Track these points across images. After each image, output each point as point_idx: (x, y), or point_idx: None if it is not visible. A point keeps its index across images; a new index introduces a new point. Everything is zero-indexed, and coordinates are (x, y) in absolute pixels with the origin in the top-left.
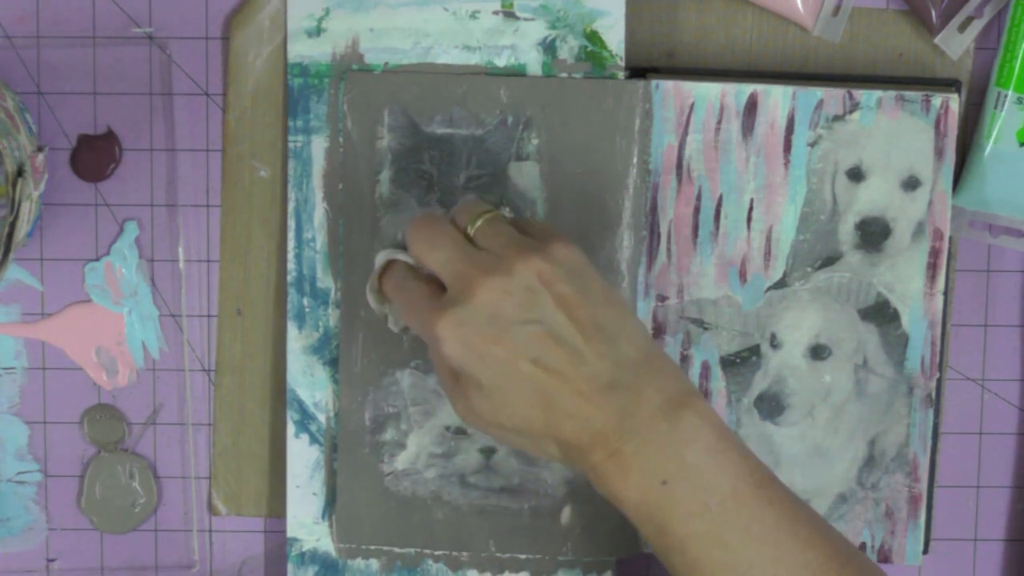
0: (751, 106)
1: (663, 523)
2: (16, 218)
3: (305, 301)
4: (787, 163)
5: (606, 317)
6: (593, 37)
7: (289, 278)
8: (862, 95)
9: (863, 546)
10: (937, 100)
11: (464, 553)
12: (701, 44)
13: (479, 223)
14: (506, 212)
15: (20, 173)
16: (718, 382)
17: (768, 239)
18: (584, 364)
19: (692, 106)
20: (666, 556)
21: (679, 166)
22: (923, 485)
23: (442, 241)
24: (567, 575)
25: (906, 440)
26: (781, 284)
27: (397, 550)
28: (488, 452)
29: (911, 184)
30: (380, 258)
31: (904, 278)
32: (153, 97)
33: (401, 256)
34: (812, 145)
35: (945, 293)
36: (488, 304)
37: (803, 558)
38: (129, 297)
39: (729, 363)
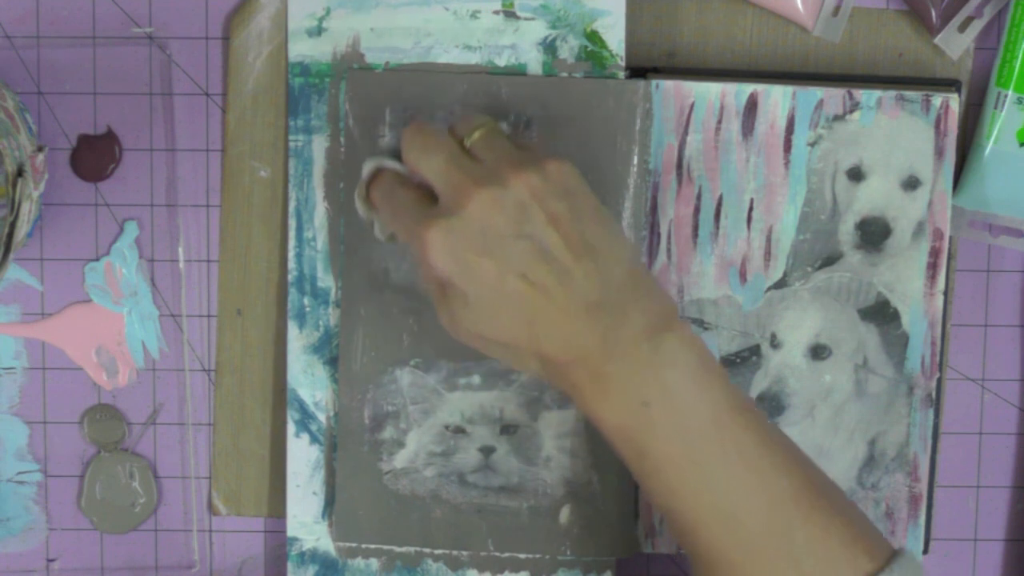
0: (751, 106)
1: (642, 445)
2: (16, 218)
3: (306, 300)
4: (787, 163)
5: (596, 236)
6: (593, 37)
7: (290, 277)
8: (862, 95)
9: None
10: (937, 100)
11: (464, 552)
12: (701, 44)
13: (476, 135)
14: (504, 127)
15: (20, 173)
16: None
17: (768, 239)
18: (572, 282)
19: (692, 106)
20: (643, 479)
21: (679, 166)
22: (923, 485)
23: (437, 149)
24: (567, 575)
25: (906, 440)
26: (781, 284)
27: (397, 549)
28: (487, 451)
29: (911, 184)
30: (369, 166)
31: (904, 278)
32: (153, 97)
33: (390, 164)
34: (812, 145)
35: (945, 293)
36: (479, 216)
37: (779, 484)
38: (129, 297)
39: (729, 363)
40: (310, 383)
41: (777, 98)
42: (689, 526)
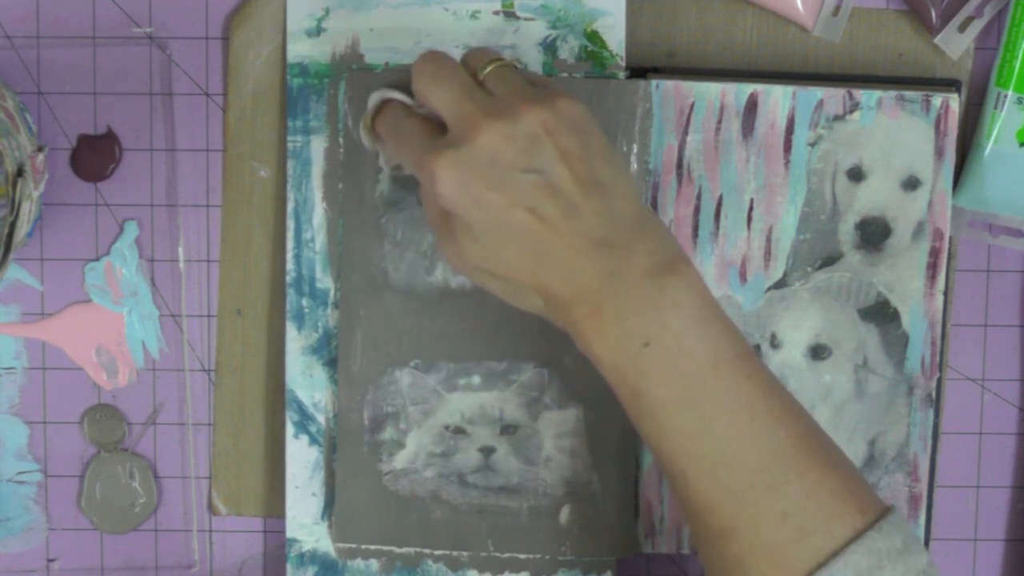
0: (751, 106)
1: (638, 385)
2: (16, 218)
3: (304, 302)
4: (787, 163)
5: (605, 174)
6: (593, 37)
7: (288, 278)
8: (862, 95)
9: None
10: (937, 100)
11: (464, 553)
12: (701, 44)
13: (489, 69)
14: (519, 65)
15: (20, 173)
16: None
17: (768, 239)
18: (579, 218)
19: (692, 106)
20: (638, 420)
21: (679, 166)
22: (923, 485)
23: (449, 79)
24: (567, 575)
25: (906, 440)
26: (781, 284)
27: (396, 550)
28: (487, 451)
29: (911, 184)
30: (375, 97)
31: (904, 278)
32: (153, 97)
33: (397, 95)
34: (812, 145)
35: (945, 293)
36: (489, 148)
37: (776, 435)
38: (129, 297)
39: None
40: (309, 384)
41: (777, 98)
42: (679, 470)
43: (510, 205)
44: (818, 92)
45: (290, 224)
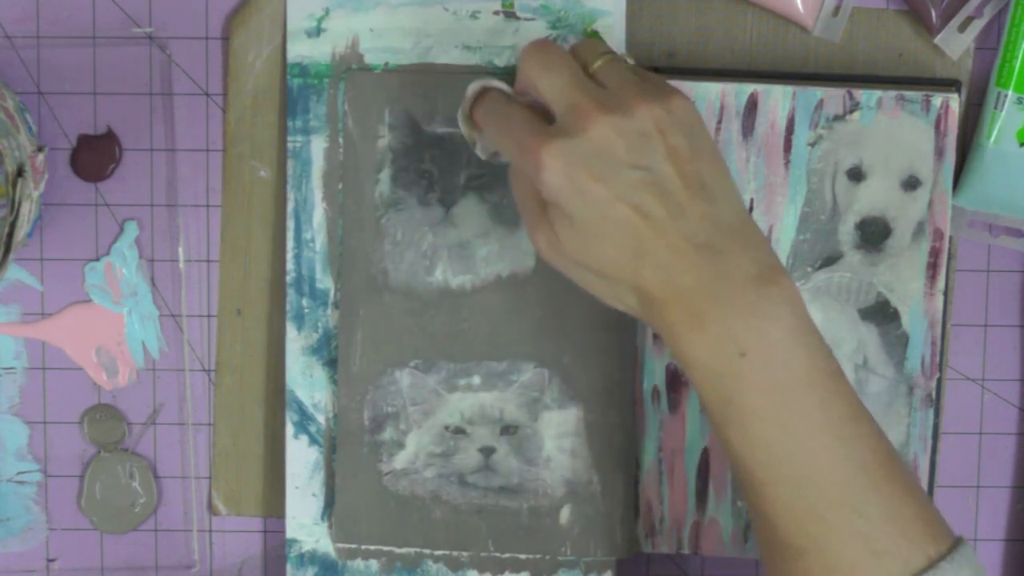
0: (751, 106)
1: (730, 394)
2: (16, 218)
3: (304, 302)
4: (787, 163)
5: (712, 177)
6: (593, 37)
7: (288, 279)
8: (862, 95)
9: None
10: (937, 100)
11: (464, 553)
12: (701, 44)
13: (601, 61)
14: (629, 60)
15: (20, 173)
16: None
17: (768, 239)
18: (683, 219)
19: None
20: (723, 428)
21: None
22: (923, 485)
23: (561, 67)
24: (567, 575)
25: (906, 440)
26: None
27: (397, 550)
28: (487, 452)
29: (911, 184)
30: (474, 85)
31: (904, 278)
32: (153, 97)
33: (497, 84)
34: (812, 145)
35: (945, 293)
36: (600, 140)
37: (861, 456)
38: (129, 297)
39: None
40: (309, 384)
41: (777, 98)
42: (760, 483)
43: (615, 199)
44: (818, 92)
45: (290, 224)
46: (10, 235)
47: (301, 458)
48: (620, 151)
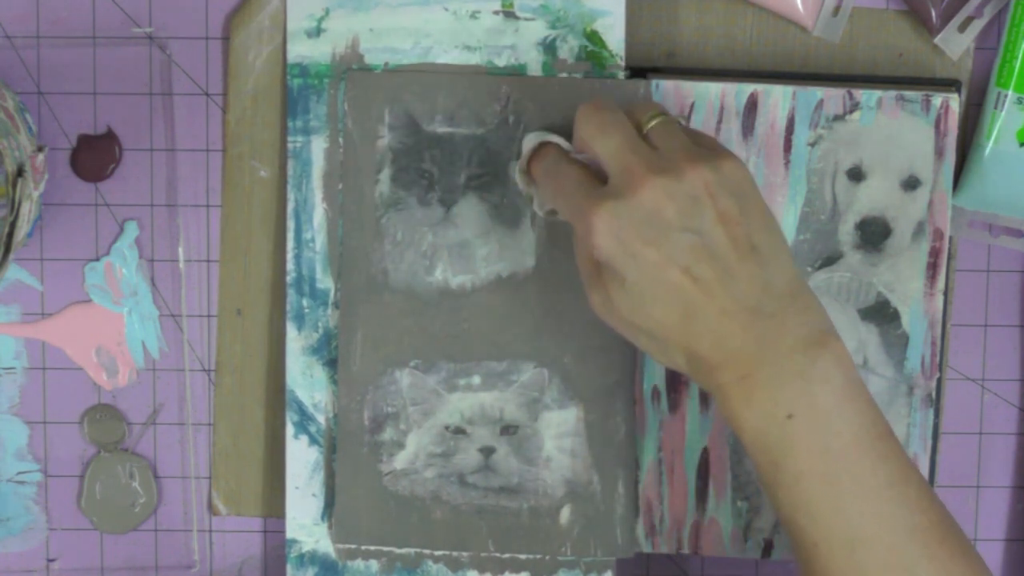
0: (751, 106)
1: (779, 457)
2: (16, 218)
3: (304, 302)
4: (787, 163)
5: (763, 240)
6: (593, 37)
7: (288, 279)
8: (862, 95)
9: None
10: (937, 100)
11: (464, 554)
12: (701, 44)
13: (654, 123)
14: (682, 120)
15: (20, 173)
16: None
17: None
18: (734, 283)
19: (692, 106)
20: (773, 489)
21: None
22: None
23: (615, 129)
24: (567, 575)
25: (906, 440)
26: None
27: (397, 551)
28: (487, 452)
29: (911, 184)
30: (531, 139)
31: (904, 278)
32: (153, 97)
33: (554, 139)
34: (812, 145)
35: (945, 293)
36: (650, 204)
37: (911, 518)
38: (129, 297)
39: None
40: (309, 384)
41: (777, 98)
42: (810, 544)
43: (665, 263)
44: (818, 92)
45: (290, 224)
46: (10, 235)
47: (301, 458)
48: (670, 214)
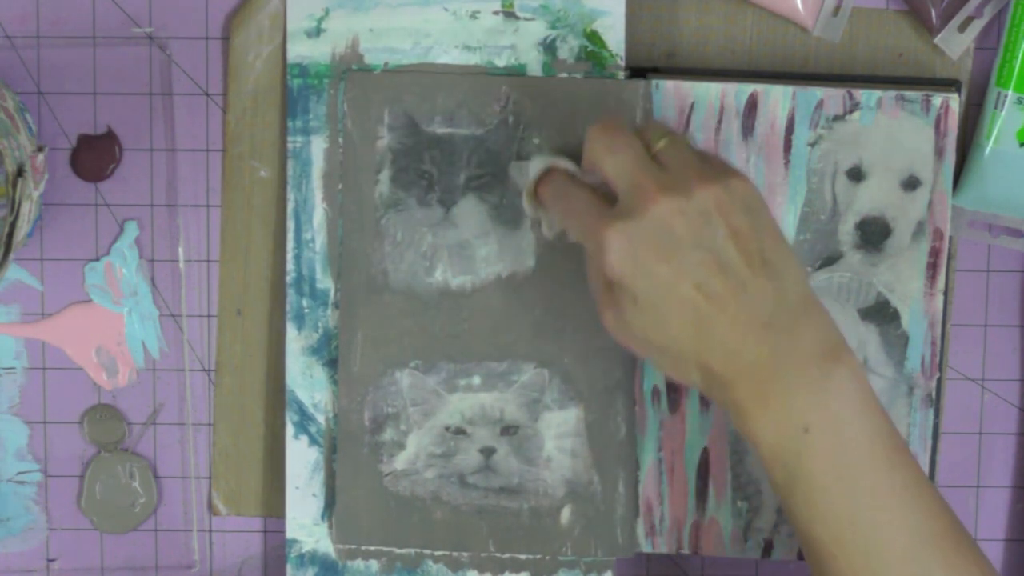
0: (751, 106)
1: (795, 469)
2: (16, 218)
3: (304, 302)
4: (787, 163)
5: (774, 255)
6: (593, 37)
7: (288, 279)
8: (862, 95)
9: None
10: (937, 100)
11: (464, 554)
12: (701, 44)
13: (663, 142)
14: (691, 141)
15: (20, 173)
16: None
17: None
18: (746, 297)
19: (692, 106)
20: (789, 501)
21: None
22: None
23: (625, 149)
24: (567, 575)
25: (906, 440)
26: None
27: (397, 551)
28: (488, 452)
29: (911, 184)
30: (537, 163)
31: (904, 278)
32: (153, 97)
33: (562, 163)
34: (812, 145)
35: (945, 293)
36: (662, 221)
37: (926, 527)
38: (129, 297)
39: None
40: (309, 385)
41: (777, 98)
42: (827, 554)
43: (678, 279)
44: (818, 92)
45: (290, 224)
46: (10, 235)
47: (301, 458)
48: (682, 231)
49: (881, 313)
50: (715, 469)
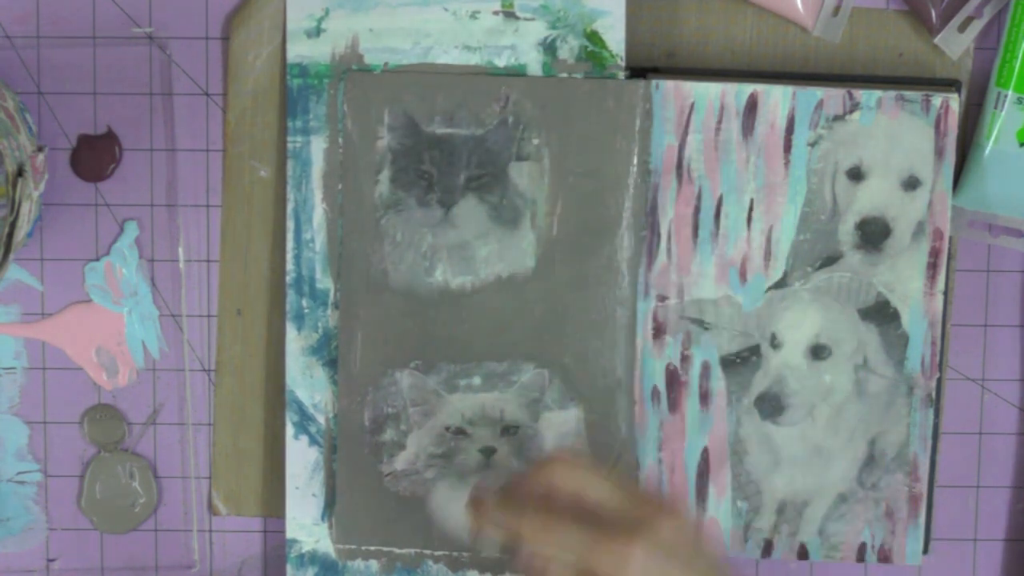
0: (751, 106)
1: None
2: (16, 218)
3: (304, 302)
4: (787, 163)
5: None
6: (593, 37)
7: (288, 279)
8: (862, 95)
9: (863, 546)
10: (937, 100)
11: (464, 554)
12: (701, 44)
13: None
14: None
15: (20, 173)
16: (718, 382)
17: (768, 239)
18: None
19: (692, 106)
20: None
21: (679, 166)
22: (923, 485)
23: (601, 482)
24: None
25: (906, 440)
26: (781, 284)
27: (397, 551)
28: (488, 452)
29: (911, 184)
30: (452, 495)
31: (904, 278)
32: (153, 97)
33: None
34: (812, 145)
35: (945, 293)
36: (669, 534)
37: None
38: (129, 297)
39: (729, 363)
40: (309, 385)
41: (777, 98)
42: None
43: None
44: (818, 92)
45: (290, 224)
46: (10, 235)
47: (301, 458)
48: (684, 543)
49: (881, 313)
50: (715, 469)
